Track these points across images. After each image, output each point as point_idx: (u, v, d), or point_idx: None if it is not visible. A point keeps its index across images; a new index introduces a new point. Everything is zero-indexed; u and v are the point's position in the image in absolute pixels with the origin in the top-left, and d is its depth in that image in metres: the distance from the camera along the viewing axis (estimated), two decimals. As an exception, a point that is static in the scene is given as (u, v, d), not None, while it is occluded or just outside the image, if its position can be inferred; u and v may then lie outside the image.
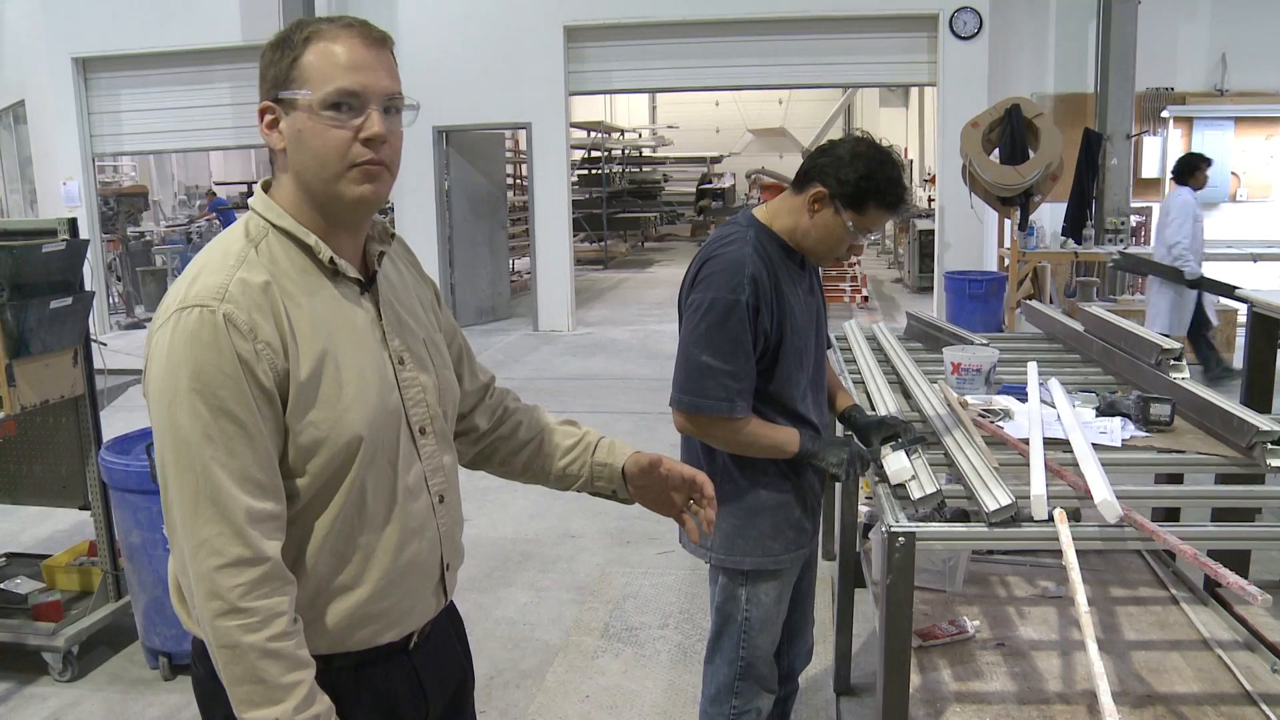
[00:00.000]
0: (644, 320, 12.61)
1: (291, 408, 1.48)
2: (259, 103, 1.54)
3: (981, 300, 9.91)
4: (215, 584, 1.41)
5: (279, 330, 1.47)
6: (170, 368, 1.43)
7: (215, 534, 1.41)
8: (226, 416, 1.42)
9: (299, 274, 1.53)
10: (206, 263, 1.50)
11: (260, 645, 1.42)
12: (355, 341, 1.56)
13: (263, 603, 1.42)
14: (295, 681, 1.45)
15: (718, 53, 11.55)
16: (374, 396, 1.55)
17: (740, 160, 24.99)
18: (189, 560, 1.42)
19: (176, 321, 1.44)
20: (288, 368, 1.47)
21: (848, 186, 2.38)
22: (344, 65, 1.50)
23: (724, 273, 2.42)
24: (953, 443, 2.64)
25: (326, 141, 1.50)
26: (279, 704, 1.43)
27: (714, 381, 2.40)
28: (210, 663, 1.56)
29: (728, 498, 2.56)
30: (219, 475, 1.41)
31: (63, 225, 4.04)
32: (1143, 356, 3.25)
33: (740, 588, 2.63)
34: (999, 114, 9.25)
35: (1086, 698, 2.50)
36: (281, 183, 1.57)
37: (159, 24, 12.02)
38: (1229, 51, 11.07)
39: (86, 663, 4.12)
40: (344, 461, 1.52)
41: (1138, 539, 2.18)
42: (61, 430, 4.24)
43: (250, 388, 1.43)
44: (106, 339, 10.57)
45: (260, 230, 1.55)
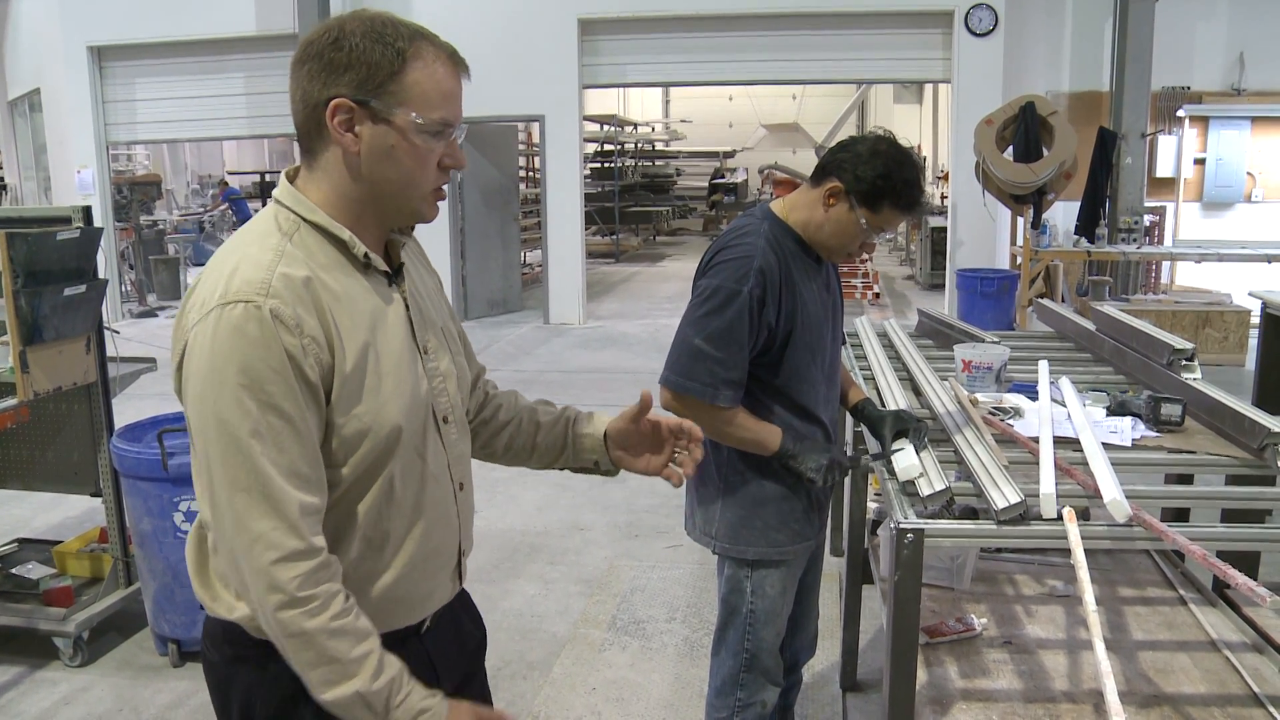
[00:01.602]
0: (655, 314, 12.60)
1: (336, 401, 1.49)
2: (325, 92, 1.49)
3: (993, 298, 9.88)
4: (274, 577, 1.42)
5: (323, 325, 1.47)
6: (215, 364, 1.41)
7: (270, 528, 1.42)
8: (275, 412, 1.42)
9: (335, 268, 1.53)
10: (242, 257, 1.48)
11: (325, 627, 1.44)
12: (390, 333, 1.57)
13: (320, 588, 1.45)
14: (365, 653, 1.48)
15: (732, 47, 11.53)
16: (409, 387, 1.58)
17: (753, 155, 24.93)
18: (243, 556, 1.43)
19: (219, 317, 1.42)
20: (332, 362, 1.48)
21: (864, 184, 2.39)
22: (447, 94, 1.52)
23: (733, 263, 2.44)
24: (962, 440, 2.63)
25: (419, 164, 1.52)
26: (355, 677, 1.46)
27: (702, 366, 2.42)
28: (224, 647, 1.61)
29: (733, 488, 2.60)
30: (269, 471, 1.42)
31: (77, 213, 4.05)
32: (1154, 356, 3.24)
33: (745, 579, 2.65)
34: (1013, 111, 9.22)
35: (1093, 697, 2.49)
36: (317, 178, 1.56)
37: (174, 13, 12.05)
38: (1246, 51, 11.01)
39: (96, 648, 4.15)
40: (383, 451, 1.54)
41: (1147, 539, 2.17)
42: (74, 417, 4.27)
43: (297, 383, 1.43)
44: (119, 327, 10.62)
45: (291, 224, 1.54)
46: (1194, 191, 11.48)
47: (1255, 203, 11.40)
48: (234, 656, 1.61)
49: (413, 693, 1.53)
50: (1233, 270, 10.06)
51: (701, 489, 2.69)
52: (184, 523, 3.82)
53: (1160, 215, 11.12)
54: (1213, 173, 11.32)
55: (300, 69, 1.52)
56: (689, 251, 20.65)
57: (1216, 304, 9.40)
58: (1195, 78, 11.16)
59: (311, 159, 1.56)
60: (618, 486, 6.05)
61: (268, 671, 1.57)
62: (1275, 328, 5.33)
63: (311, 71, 1.50)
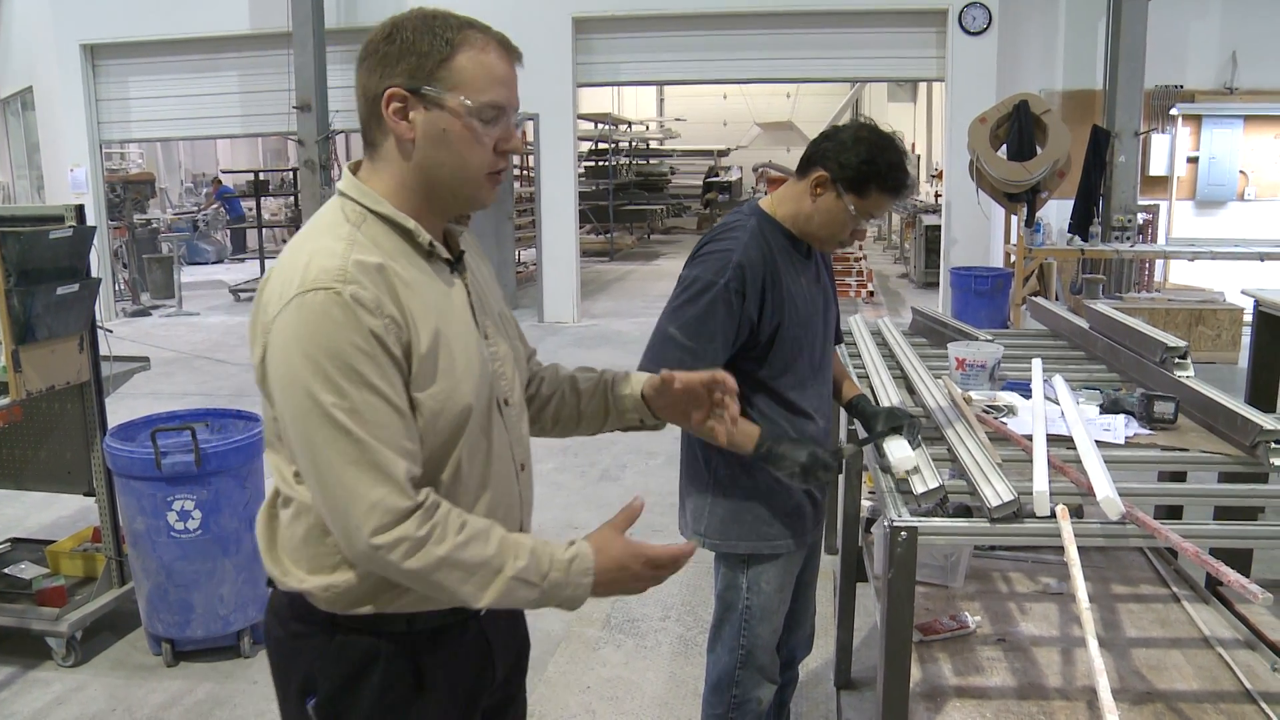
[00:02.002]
0: (649, 313, 12.58)
1: (413, 381, 1.54)
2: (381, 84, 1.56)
3: (987, 296, 9.88)
4: (396, 535, 1.48)
5: (399, 307, 1.53)
6: (305, 350, 1.47)
7: (386, 493, 1.47)
8: (370, 389, 1.48)
9: (402, 256, 1.59)
10: (315, 248, 1.54)
11: (456, 543, 1.51)
12: (455, 319, 1.63)
13: (435, 517, 1.51)
14: (498, 543, 1.55)
15: (726, 46, 11.53)
16: (476, 369, 1.63)
17: (747, 153, 24.95)
18: (360, 524, 1.48)
19: (300, 305, 1.48)
20: (410, 342, 1.53)
21: (849, 170, 2.40)
22: (498, 79, 1.58)
23: (714, 255, 2.47)
24: (956, 438, 2.64)
25: (473, 148, 1.57)
26: (504, 568, 1.54)
27: (672, 354, 2.42)
28: (289, 622, 1.67)
29: (722, 483, 2.60)
30: (374, 444, 1.47)
31: (69, 212, 4.05)
32: (1147, 354, 3.25)
33: (740, 575, 2.65)
34: (1007, 110, 9.23)
35: (1086, 694, 2.50)
36: (379, 169, 1.62)
37: (167, 11, 12.02)
38: (1239, 49, 11.02)
39: (90, 648, 4.14)
40: (455, 431, 1.59)
41: (1140, 536, 2.18)
42: (67, 416, 4.26)
43: (386, 361, 1.50)
44: (113, 325, 10.60)
45: (358, 215, 1.60)
46: (1187, 190, 11.49)
47: (1248, 201, 11.41)
48: (299, 631, 1.66)
49: (554, 550, 1.60)
50: (1225, 268, 10.06)
51: (691, 485, 2.69)
52: (177, 522, 3.81)
53: (1153, 213, 11.12)
54: (1205, 171, 11.34)
55: (361, 66, 1.60)
56: (683, 250, 20.61)
57: (1209, 302, 9.42)
58: (1188, 76, 11.17)
59: (373, 151, 1.63)
60: (612, 485, 6.05)
61: (332, 644, 1.64)
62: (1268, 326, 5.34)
63: (369, 67, 1.58)
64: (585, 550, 1.61)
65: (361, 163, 1.66)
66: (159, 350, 10.21)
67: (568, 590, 1.59)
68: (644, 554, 1.64)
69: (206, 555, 3.88)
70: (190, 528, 3.83)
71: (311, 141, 11.33)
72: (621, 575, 1.63)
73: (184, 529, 3.83)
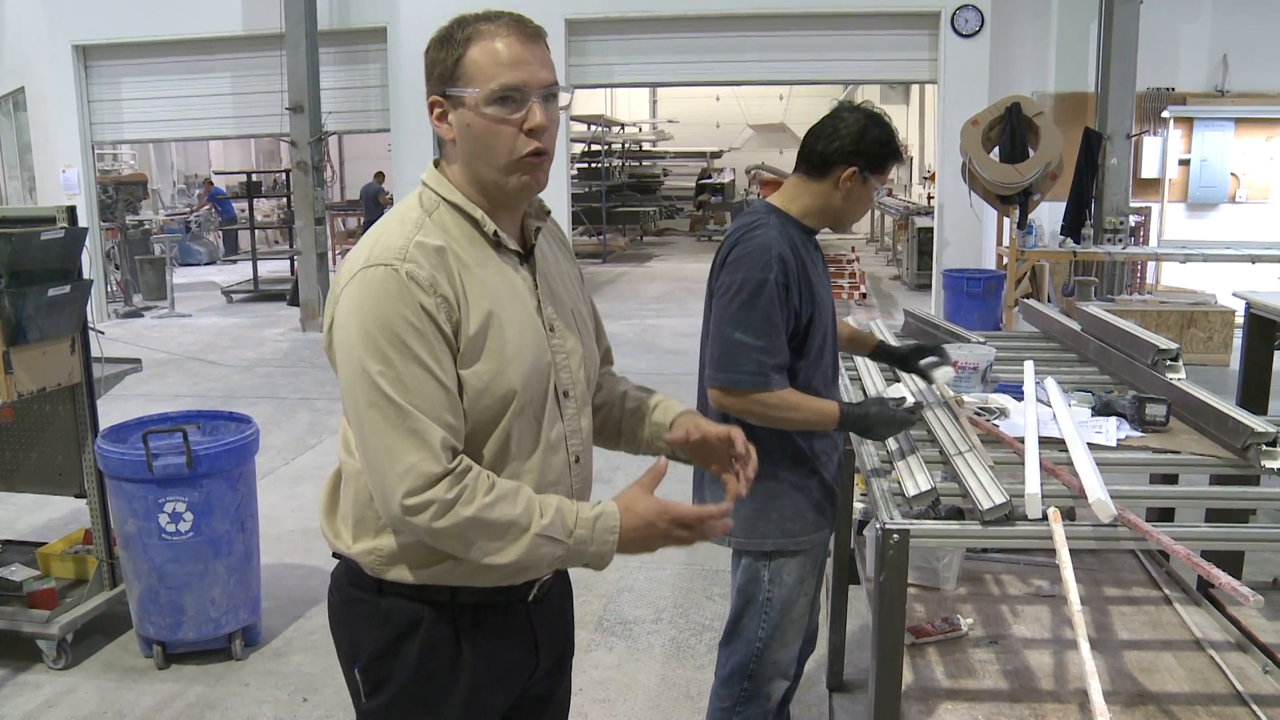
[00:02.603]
0: (642, 314, 12.59)
1: (460, 357, 1.62)
2: (428, 97, 1.69)
3: (979, 298, 9.91)
4: (426, 497, 1.54)
5: (453, 288, 1.61)
6: (360, 320, 1.57)
7: (420, 459, 1.54)
8: (416, 362, 1.56)
9: (468, 242, 1.68)
10: (386, 229, 1.66)
11: (485, 503, 1.57)
12: (516, 305, 1.70)
13: (465, 479, 1.58)
14: (526, 501, 1.61)
15: (719, 47, 11.54)
16: (530, 355, 1.69)
17: (740, 155, 24.94)
18: (394, 485, 1.55)
19: (363, 279, 1.59)
20: (460, 321, 1.61)
21: (874, 159, 2.59)
22: (506, 62, 1.62)
23: (752, 254, 2.54)
24: (948, 440, 2.64)
25: (494, 135, 1.64)
26: (530, 526, 1.60)
27: (747, 357, 2.49)
28: (345, 588, 1.78)
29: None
30: (414, 413, 1.55)
31: (61, 213, 4.04)
32: (1139, 357, 3.25)
33: (763, 568, 2.70)
34: (999, 112, 9.25)
35: (1078, 696, 2.50)
36: (450, 165, 1.73)
37: (160, 12, 12.00)
38: (1230, 52, 11.06)
39: (80, 650, 4.13)
40: (498, 411, 1.66)
41: (1131, 539, 2.18)
42: (58, 418, 4.24)
43: (435, 336, 1.58)
44: (104, 327, 10.57)
45: (433, 202, 1.70)
46: (1179, 192, 11.52)
47: (1239, 203, 11.45)
48: (351, 597, 1.77)
49: (580, 508, 1.65)
50: (1217, 270, 10.09)
51: (714, 484, 2.68)
52: (169, 524, 3.80)
53: (1145, 216, 11.16)
54: (1197, 173, 11.37)
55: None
56: (676, 252, 20.65)
57: (1201, 304, 9.44)
58: (1180, 79, 11.21)
59: (442, 155, 1.76)
60: (604, 488, 6.03)
61: (379, 610, 1.72)
62: (1259, 328, 5.34)
63: (426, 85, 1.70)
64: (611, 509, 1.66)
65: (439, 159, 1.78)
66: (151, 352, 10.19)
67: (593, 547, 1.64)
68: (671, 512, 1.68)
69: (198, 557, 3.87)
70: (182, 530, 3.82)
71: (304, 143, 11.31)
72: (650, 533, 1.67)
73: (175, 531, 3.82)
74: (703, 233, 22.90)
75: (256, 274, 14.65)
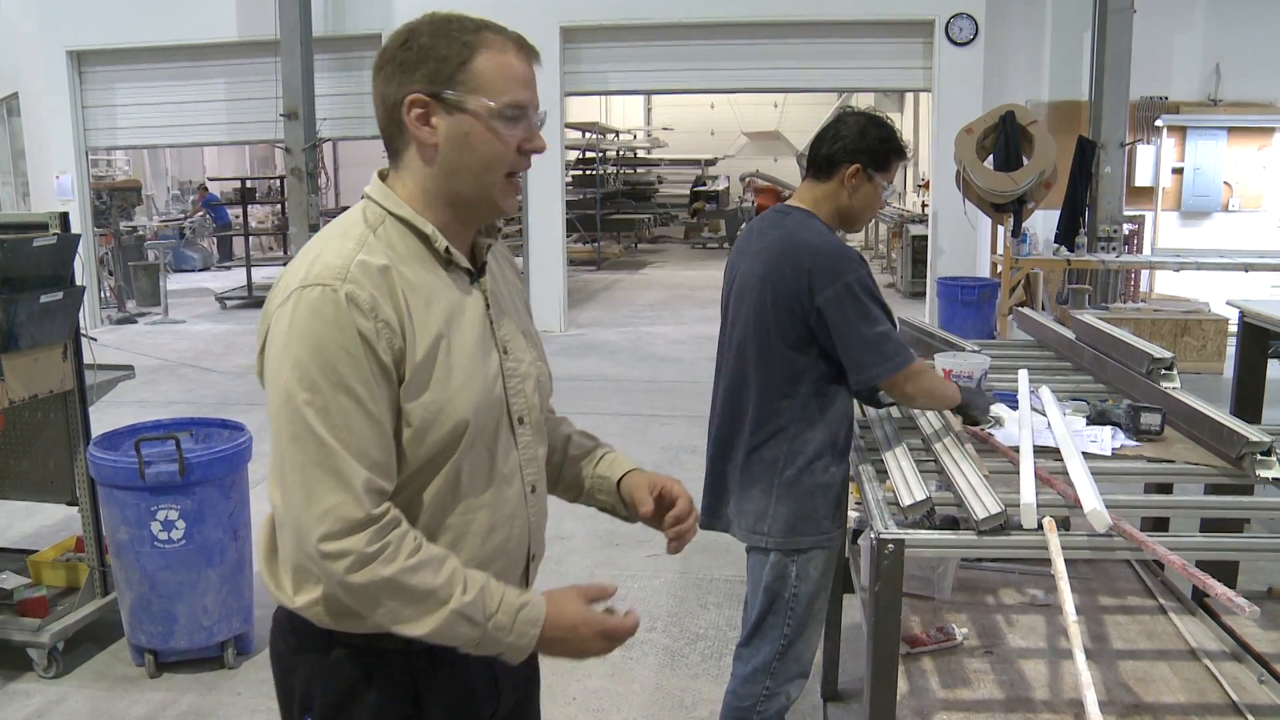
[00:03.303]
0: (636, 322, 12.59)
1: (405, 387, 1.52)
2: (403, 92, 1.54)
3: (974, 306, 9.91)
4: (343, 545, 1.45)
5: (397, 312, 1.50)
6: (291, 344, 1.47)
7: (339, 502, 1.45)
8: (346, 393, 1.46)
9: (416, 261, 1.57)
10: (326, 245, 1.54)
11: (405, 566, 1.47)
12: (466, 328, 1.60)
13: (390, 535, 1.48)
14: (449, 573, 1.51)
15: (714, 55, 11.54)
16: (480, 382, 1.60)
17: (735, 163, 24.94)
18: (310, 528, 1.45)
19: (298, 299, 1.48)
20: (404, 348, 1.51)
21: (877, 156, 2.72)
22: (518, 78, 1.57)
23: (838, 256, 2.65)
24: (943, 449, 2.64)
25: (495, 150, 1.56)
26: (448, 600, 1.49)
27: (891, 344, 2.62)
28: (289, 637, 1.67)
29: (789, 483, 2.72)
30: (338, 449, 1.45)
31: (54, 220, 4.03)
32: (1134, 365, 3.25)
33: (790, 564, 2.74)
34: (993, 120, 9.25)
35: (1073, 706, 2.50)
36: (403, 175, 1.61)
37: (154, 18, 11.97)
38: (1223, 62, 11.08)
39: (71, 659, 4.11)
40: (448, 443, 1.56)
41: (1127, 549, 2.18)
42: (50, 425, 4.23)
43: (370, 365, 1.47)
44: (98, 333, 10.55)
45: (378, 217, 1.59)
46: (1172, 200, 11.54)
47: (1232, 212, 11.47)
48: (298, 646, 1.65)
49: (506, 593, 1.55)
50: (1210, 279, 10.11)
51: (751, 487, 2.77)
52: (161, 532, 3.79)
53: (1139, 224, 11.17)
54: (1190, 182, 11.39)
55: (378, 75, 1.59)
56: (670, 259, 20.64)
57: (1195, 312, 9.46)
58: (1173, 88, 11.22)
59: (396, 159, 1.62)
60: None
61: (329, 659, 1.61)
62: (1253, 336, 5.35)
63: (387, 75, 1.57)
64: (539, 602, 1.57)
65: (390, 169, 1.66)
66: (144, 358, 10.16)
67: (510, 637, 1.54)
68: (597, 625, 1.62)
69: (190, 565, 3.85)
70: (174, 538, 3.81)
71: (298, 149, 11.30)
72: (571, 638, 1.60)
73: (167, 539, 3.81)
74: (697, 240, 22.91)
75: (251, 280, 14.61)
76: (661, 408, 8.24)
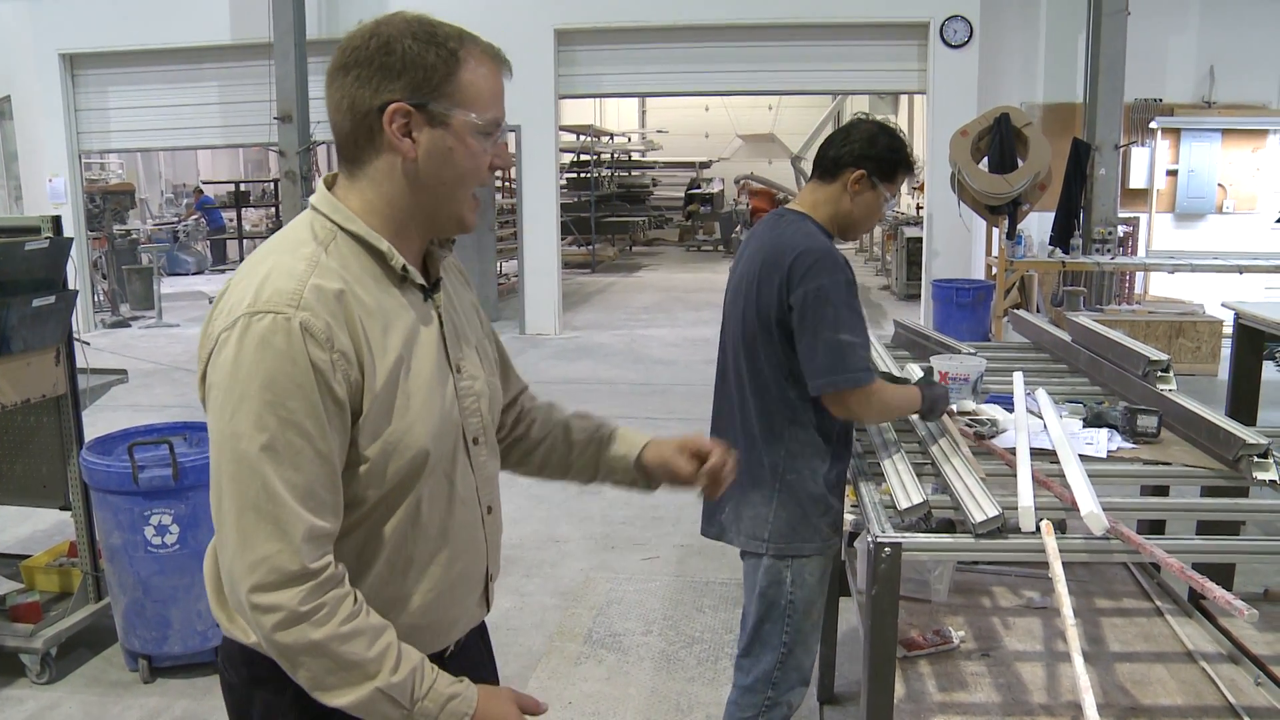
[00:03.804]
0: (631, 324, 12.58)
1: (364, 420, 1.44)
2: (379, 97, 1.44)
3: (969, 309, 9.92)
4: (275, 600, 1.37)
5: (354, 341, 1.42)
6: (238, 376, 1.36)
7: (275, 551, 1.36)
8: (295, 429, 1.36)
9: (370, 279, 1.48)
10: (275, 265, 1.43)
11: (336, 633, 1.39)
12: (422, 352, 1.52)
13: (327, 596, 1.40)
14: (383, 648, 1.44)
15: (708, 58, 11.55)
16: (438, 408, 1.52)
17: (729, 165, 24.99)
18: (241, 576, 1.38)
19: (246, 327, 1.37)
20: (362, 380, 1.43)
21: (884, 164, 2.68)
22: (498, 93, 1.52)
23: (824, 258, 2.58)
24: (940, 453, 2.63)
25: (474, 165, 1.50)
26: (375, 676, 1.42)
27: (854, 356, 2.54)
28: (241, 668, 1.57)
29: (788, 488, 2.68)
30: (281, 491, 1.36)
31: (46, 223, 4.01)
32: (1130, 367, 3.25)
33: (786, 569, 2.71)
34: (988, 123, 9.26)
35: (1071, 709, 2.49)
36: (360, 186, 1.51)
37: (148, 21, 11.96)
38: (1217, 64, 11.10)
39: (65, 665, 4.09)
40: (409, 474, 1.50)
41: (1124, 551, 2.17)
42: (43, 430, 4.21)
43: (323, 400, 1.38)
44: (91, 337, 10.53)
45: (328, 232, 1.49)
46: (1166, 203, 11.55)
47: (1226, 214, 11.49)
48: (251, 678, 1.56)
49: (438, 679, 1.49)
50: (1205, 281, 10.13)
51: (751, 493, 2.71)
52: (155, 536, 3.77)
53: (1134, 226, 11.19)
54: (1185, 184, 11.40)
55: (345, 76, 1.47)
56: (665, 261, 20.65)
57: (1189, 314, 9.47)
58: (1167, 90, 11.24)
59: (355, 167, 1.51)
60: (594, 499, 6.02)
61: (287, 693, 1.52)
62: (1248, 339, 5.36)
63: (361, 78, 1.45)
64: (470, 694, 1.51)
65: (338, 177, 1.56)
66: (138, 362, 10.13)
67: None
68: None
69: (184, 570, 3.83)
70: (168, 542, 3.79)
71: (293, 152, 11.29)
72: None
73: (161, 543, 3.79)
74: (691, 243, 22.92)
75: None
76: (657, 410, 8.23)
